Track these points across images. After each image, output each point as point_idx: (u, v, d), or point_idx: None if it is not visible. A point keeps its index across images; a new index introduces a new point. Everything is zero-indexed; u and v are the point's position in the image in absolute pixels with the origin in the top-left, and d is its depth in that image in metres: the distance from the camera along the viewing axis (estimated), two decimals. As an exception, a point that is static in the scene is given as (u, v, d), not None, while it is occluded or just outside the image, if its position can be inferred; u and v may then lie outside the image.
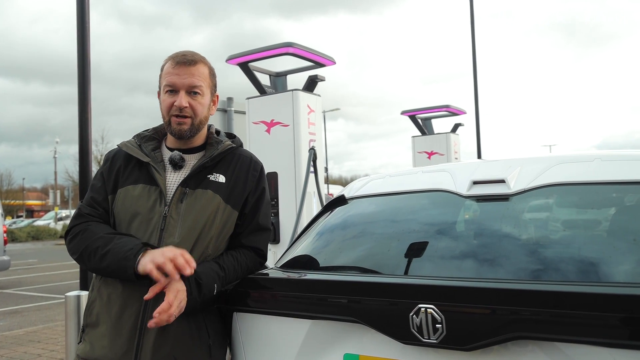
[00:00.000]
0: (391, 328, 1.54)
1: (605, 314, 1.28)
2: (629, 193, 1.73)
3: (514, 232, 1.76)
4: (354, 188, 2.39)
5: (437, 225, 1.95)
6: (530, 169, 1.92)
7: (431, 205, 2.06)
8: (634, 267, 1.49)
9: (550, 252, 1.64)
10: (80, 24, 3.98)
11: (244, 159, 2.13)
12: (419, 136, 10.40)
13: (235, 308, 1.98)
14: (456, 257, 1.73)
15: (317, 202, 6.03)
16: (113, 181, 2.03)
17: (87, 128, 3.98)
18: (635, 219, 1.65)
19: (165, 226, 1.92)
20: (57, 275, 15.11)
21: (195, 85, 2.02)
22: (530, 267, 1.59)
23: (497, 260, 1.65)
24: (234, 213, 2.03)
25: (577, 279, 1.48)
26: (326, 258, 2.07)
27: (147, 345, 1.86)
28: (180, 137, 2.05)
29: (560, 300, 1.34)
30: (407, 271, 1.77)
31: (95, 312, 1.95)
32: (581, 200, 1.85)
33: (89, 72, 4.01)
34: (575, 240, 1.70)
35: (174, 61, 2.03)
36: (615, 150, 2.12)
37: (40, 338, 6.97)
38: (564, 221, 1.81)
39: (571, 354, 1.34)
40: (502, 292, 1.42)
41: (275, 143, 5.91)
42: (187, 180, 1.99)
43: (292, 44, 5.78)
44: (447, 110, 10.04)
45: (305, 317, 1.74)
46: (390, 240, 1.97)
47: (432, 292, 1.48)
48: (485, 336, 1.39)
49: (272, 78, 6.58)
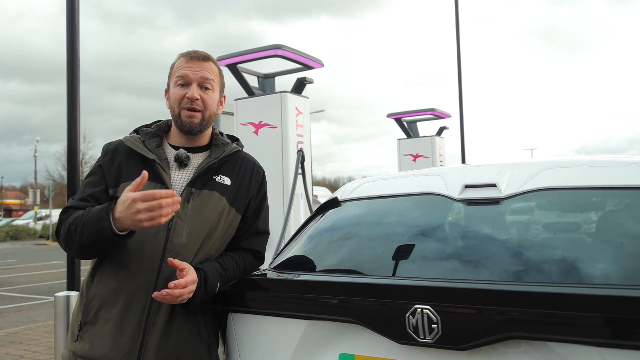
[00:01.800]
0: (387, 328, 1.58)
1: (594, 314, 1.34)
2: (616, 198, 1.79)
3: (506, 235, 1.81)
4: (347, 190, 2.42)
5: (429, 228, 1.99)
6: (520, 174, 1.97)
7: (424, 208, 2.10)
8: (621, 270, 1.54)
9: (540, 254, 1.69)
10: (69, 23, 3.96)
11: (247, 163, 2.15)
12: (404, 139, 10.49)
13: (231, 308, 2.00)
14: (449, 260, 1.77)
15: (304, 203, 6.06)
16: (115, 175, 1.99)
17: (75, 127, 3.96)
18: (622, 223, 1.71)
19: (172, 225, 1.92)
20: (37, 275, 14.94)
21: (207, 79, 2.04)
22: (521, 269, 1.63)
23: (490, 262, 1.69)
24: (237, 217, 2.06)
25: (567, 281, 1.53)
26: (320, 260, 2.10)
27: (151, 344, 1.86)
28: (190, 131, 2.04)
29: (552, 301, 1.39)
30: (402, 273, 1.81)
31: (95, 309, 1.92)
32: (570, 204, 1.90)
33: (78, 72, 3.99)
34: (565, 243, 1.75)
35: (187, 57, 2.06)
36: (602, 156, 2.19)
37: (22, 339, 6.90)
38: (554, 224, 1.87)
39: (562, 353, 1.39)
40: (496, 294, 1.46)
41: (263, 144, 5.93)
42: (194, 180, 2.00)
43: (281, 47, 5.81)
44: (432, 113, 10.15)
45: (302, 317, 1.77)
46: (384, 243, 2.00)
47: (428, 293, 1.52)
48: (479, 336, 1.44)
49: (260, 80, 6.61)
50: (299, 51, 6.11)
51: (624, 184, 1.77)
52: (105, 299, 1.92)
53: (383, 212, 2.18)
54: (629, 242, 1.62)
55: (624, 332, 1.30)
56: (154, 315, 1.88)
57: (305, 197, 5.95)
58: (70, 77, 4.08)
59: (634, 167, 1.82)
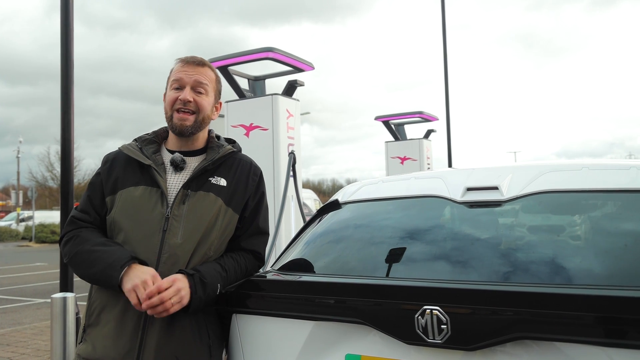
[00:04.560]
0: (396, 329, 1.59)
1: (603, 315, 1.37)
2: (618, 200, 1.83)
3: (509, 237, 1.84)
4: (348, 193, 2.44)
5: (433, 230, 2.01)
6: (521, 177, 2.00)
7: (426, 211, 2.12)
8: (626, 271, 1.58)
9: (545, 256, 1.72)
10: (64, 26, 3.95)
11: (244, 164, 2.17)
12: (392, 141, 10.55)
13: (236, 310, 2.00)
14: (455, 261, 1.79)
15: (295, 205, 6.07)
16: (112, 183, 2.05)
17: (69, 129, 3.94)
18: (625, 225, 1.74)
19: (168, 227, 1.94)
20: (21, 277, 14.76)
21: (201, 83, 2.08)
22: (527, 271, 1.66)
23: (495, 263, 1.72)
24: (234, 216, 2.07)
25: (573, 283, 1.56)
26: (324, 261, 2.11)
27: (150, 345, 1.88)
28: (182, 133, 2.08)
29: (560, 302, 1.41)
30: (407, 274, 1.83)
31: (97, 312, 1.96)
32: (572, 207, 1.94)
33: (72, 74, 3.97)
34: (570, 244, 1.78)
35: (183, 61, 2.11)
36: (600, 159, 2.23)
37: (9, 341, 6.82)
38: (557, 227, 1.90)
39: (571, 353, 1.41)
40: (505, 295, 1.49)
41: (254, 147, 5.93)
42: (189, 182, 2.02)
43: (273, 49, 5.82)
44: (420, 116, 10.21)
45: (309, 318, 1.78)
46: (387, 245, 2.02)
47: (438, 294, 1.55)
48: (488, 336, 1.46)
49: (250, 82, 6.61)
50: (290, 54, 6.13)
51: (625, 187, 1.81)
52: (106, 301, 1.96)
53: (386, 214, 2.20)
54: (633, 243, 1.66)
55: (632, 333, 1.33)
56: (152, 316, 1.89)
57: (297, 199, 5.96)
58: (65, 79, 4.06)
59: (634, 170, 1.87)
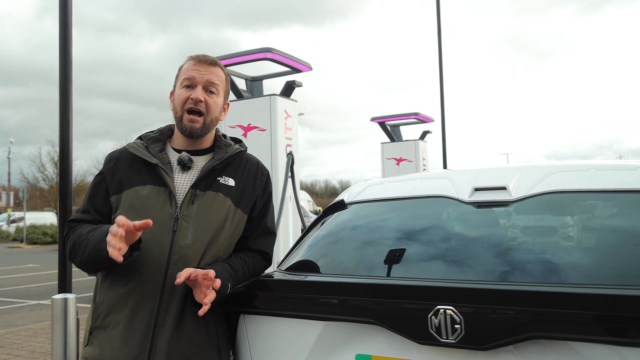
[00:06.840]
0: (409, 329, 1.59)
1: (618, 314, 1.37)
2: (626, 200, 1.83)
3: (519, 237, 1.84)
4: (353, 193, 2.44)
5: (442, 230, 2.01)
6: (529, 177, 2.01)
7: (434, 211, 2.12)
8: (635, 270, 1.58)
9: (556, 255, 1.72)
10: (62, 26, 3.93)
11: (251, 164, 2.16)
12: (388, 143, 10.56)
13: (244, 310, 1.99)
14: (466, 261, 1.79)
15: (293, 206, 6.07)
16: (117, 182, 2.02)
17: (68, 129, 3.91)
18: (635, 224, 1.75)
19: (177, 227, 1.93)
20: (13, 279, 14.66)
21: (213, 83, 2.06)
22: (538, 270, 1.66)
23: (506, 263, 1.72)
24: (243, 217, 2.06)
25: (584, 282, 1.56)
26: (331, 262, 2.10)
27: (161, 346, 1.86)
28: (191, 135, 2.06)
29: (574, 302, 1.42)
30: (418, 274, 1.83)
31: (104, 314, 1.93)
32: (581, 207, 1.94)
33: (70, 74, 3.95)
34: (581, 244, 1.79)
35: (195, 59, 2.08)
36: (608, 160, 2.24)
37: (4, 343, 6.77)
38: (566, 226, 1.90)
39: (585, 353, 1.41)
40: (519, 294, 1.49)
41: (252, 147, 5.85)
42: (198, 182, 2.01)
43: (271, 50, 5.82)
44: (416, 117, 10.23)
45: (319, 318, 1.77)
46: (395, 245, 2.02)
47: (452, 294, 1.54)
48: (502, 336, 1.46)
49: (248, 82, 6.60)
50: (288, 54, 6.13)
51: (632, 187, 1.82)
52: (113, 303, 1.93)
53: (393, 214, 2.20)
54: None
55: (647, 331, 1.34)
56: (163, 317, 1.88)
57: (295, 200, 5.95)
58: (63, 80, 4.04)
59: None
